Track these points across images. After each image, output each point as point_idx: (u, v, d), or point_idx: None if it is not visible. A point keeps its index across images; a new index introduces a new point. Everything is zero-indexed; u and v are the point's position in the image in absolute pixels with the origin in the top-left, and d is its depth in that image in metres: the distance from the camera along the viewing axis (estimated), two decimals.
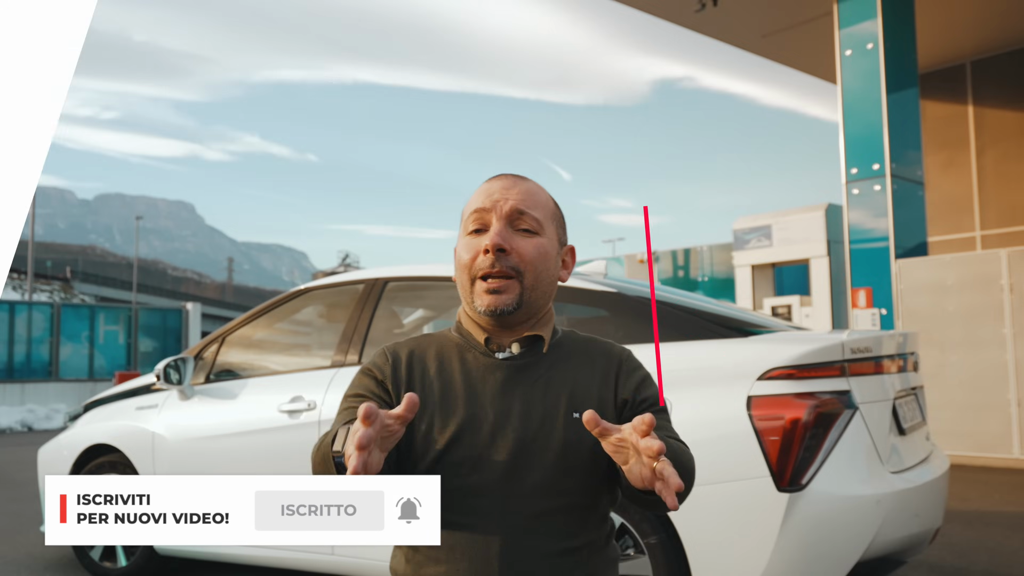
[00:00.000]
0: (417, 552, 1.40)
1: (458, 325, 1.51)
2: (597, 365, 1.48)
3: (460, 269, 1.44)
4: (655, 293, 3.45)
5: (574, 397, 1.42)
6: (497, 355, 1.44)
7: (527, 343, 1.45)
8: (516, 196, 1.43)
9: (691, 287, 15.40)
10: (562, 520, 1.37)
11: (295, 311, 4.35)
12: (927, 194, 9.95)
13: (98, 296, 62.40)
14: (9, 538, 5.35)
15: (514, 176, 1.48)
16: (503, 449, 1.37)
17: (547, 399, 1.41)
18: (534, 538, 1.36)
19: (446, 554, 1.36)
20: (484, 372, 1.43)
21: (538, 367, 1.44)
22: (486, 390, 1.41)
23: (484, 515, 1.36)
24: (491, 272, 1.38)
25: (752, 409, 2.76)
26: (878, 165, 9.17)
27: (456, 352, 1.47)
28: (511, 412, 1.39)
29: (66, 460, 4.53)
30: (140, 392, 4.42)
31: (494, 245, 1.38)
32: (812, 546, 2.68)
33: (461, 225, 1.49)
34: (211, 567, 4.50)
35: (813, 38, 11.08)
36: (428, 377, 1.44)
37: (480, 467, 1.36)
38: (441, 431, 1.38)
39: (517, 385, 1.42)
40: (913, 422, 3.25)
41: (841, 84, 9.65)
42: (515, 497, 1.36)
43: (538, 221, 1.43)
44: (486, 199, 1.43)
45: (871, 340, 3.01)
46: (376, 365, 1.48)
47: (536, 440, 1.38)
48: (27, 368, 16.75)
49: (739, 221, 12.43)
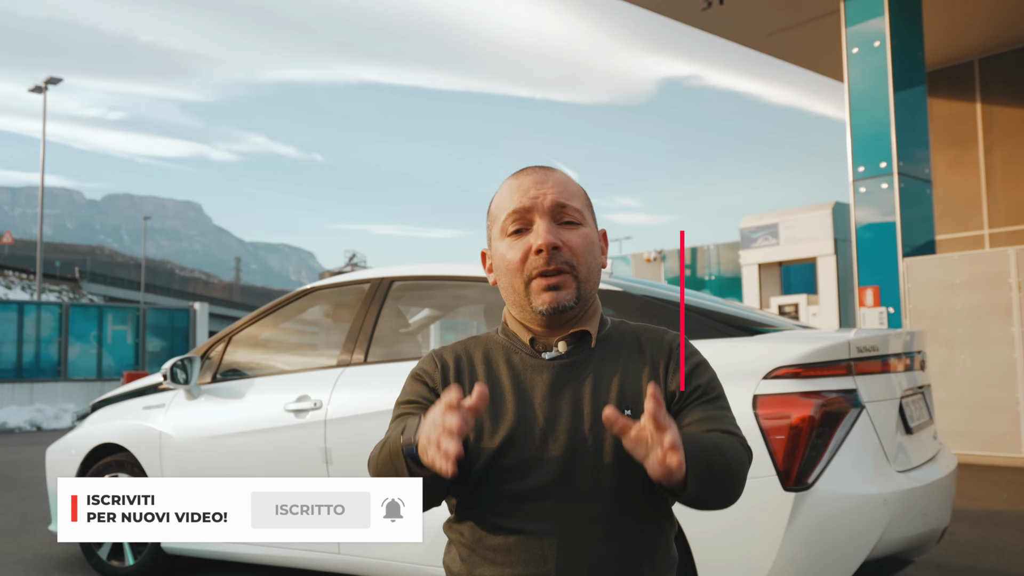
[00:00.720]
0: (473, 552, 1.38)
1: (504, 327, 1.48)
2: (647, 355, 1.43)
3: (509, 272, 1.39)
4: (663, 291, 3.44)
5: (624, 393, 1.38)
6: (544, 355, 1.41)
7: (573, 340, 1.41)
8: (553, 190, 1.40)
9: (698, 286, 15.38)
10: (619, 522, 1.34)
11: (301, 310, 4.36)
12: (935, 192, 9.91)
13: (107, 296, 62.63)
14: (17, 537, 5.38)
15: (542, 168, 1.45)
16: (555, 452, 1.34)
17: (597, 397, 1.37)
18: (591, 541, 1.33)
19: (503, 556, 1.34)
20: (531, 373, 1.40)
21: (586, 364, 1.40)
22: (535, 392, 1.38)
23: (540, 519, 1.33)
24: (547, 270, 1.36)
25: (758, 408, 2.75)
26: (885, 163, 9.14)
27: (503, 354, 1.44)
28: (561, 414, 1.36)
29: (74, 459, 4.54)
30: (147, 392, 4.43)
31: (548, 244, 1.35)
32: (818, 545, 2.67)
33: (492, 227, 1.45)
34: (217, 566, 4.51)
35: (820, 36, 11.05)
36: (476, 380, 1.42)
37: (533, 471, 1.34)
38: (491, 436, 1.36)
39: (565, 385, 1.38)
40: (920, 421, 3.24)
41: (848, 82, 9.62)
42: (570, 500, 1.33)
43: (579, 211, 1.41)
44: (523, 197, 1.39)
45: (877, 339, 3.00)
46: (426, 371, 1.46)
47: (588, 441, 1.34)
48: (36, 368, 16.81)
49: (746, 220, 12.41)
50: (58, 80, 28.77)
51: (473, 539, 1.38)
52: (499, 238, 1.42)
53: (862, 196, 9.32)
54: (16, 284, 56.12)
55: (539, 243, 1.36)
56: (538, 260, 1.36)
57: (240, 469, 3.87)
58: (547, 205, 1.39)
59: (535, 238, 1.37)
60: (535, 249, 1.36)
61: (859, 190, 9.34)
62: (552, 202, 1.39)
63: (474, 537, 1.38)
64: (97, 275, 78.90)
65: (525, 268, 1.38)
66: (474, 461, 1.36)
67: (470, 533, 1.39)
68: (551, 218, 1.39)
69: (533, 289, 1.37)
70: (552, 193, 1.39)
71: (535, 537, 1.33)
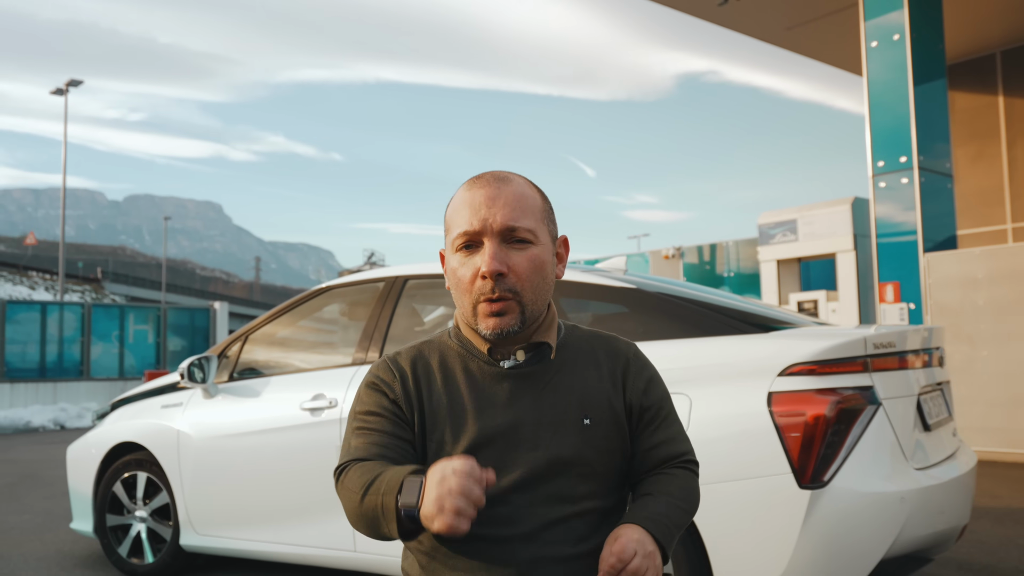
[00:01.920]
0: (433, 559, 1.40)
1: (456, 331, 1.49)
2: (604, 366, 1.47)
3: (458, 289, 1.41)
4: (678, 288, 3.43)
5: (584, 402, 1.42)
6: (503, 364, 1.42)
7: (532, 349, 1.43)
8: (503, 209, 1.37)
9: (717, 283, 15.30)
10: (579, 525, 1.38)
11: (316, 309, 4.38)
12: (956, 186, 9.79)
13: (128, 296, 63.23)
14: (41, 535, 5.44)
15: (496, 179, 1.41)
16: (517, 460, 1.37)
17: (557, 407, 1.41)
18: (552, 544, 1.36)
19: (464, 562, 1.36)
20: (491, 382, 1.41)
21: (545, 373, 1.43)
22: (495, 401, 1.40)
23: (502, 524, 1.36)
24: (492, 296, 1.36)
25: (773, 405, 2.73)
26: (905, 158, 9.05)
27: (459, 361, 1.45)
28: (522, 423, 1.39)
29: (94, 458, 4.59)
30: (165, 390, 4.47)
31: (492, 271, 1.34)
32: (834, 543, 2.65)
33: (447, 234, 1.45)
34: (234, 563, 4.54)
35: (838, 30, 10.95)
36: (436, 390, 1.43)
37: (496, 479, 1.35)
38: (453, 446, 1.38)
39: (525, 394, 1.41)
40: (939, 418, 3.20)
41: (867, 76, 9.53)
42: (532, 505, 1.37)
43: (531, 231, 1.38)
44: (473, 218, 1.37)
45: (894, 335, 2.97)
46: (383, 380, 1.45)
47: (550, 448, 1.38)
48: (59, 367, 17.00)
49: (764, 216, 12.33)
50: (79, 82, 29.06)
51: (432, 546, 1.40)
52: (451, 249, 1.42)
53: (882, 191, 9.23)
54: (40, 285, 56.78)
55: (484, 269, 1.35)
56: (484, 286, 1.37)
57: (257, 468, 3.89)
58: (496, 228, 1.36)
59: (482, 263, 1.36)
60: (481, 274, 1.36)
61: (879, 185, 9.25)
62: (502, 225, 1.36)
63: (433, 544, 1.39)
64: (119, 275, 79.68)
65: (473, 290, 1.38)
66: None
67: (429, 540, 1.40)
68: (500, 239, 1.37)
69: (479, 312, 1.38)
70: (502, 213, 1.37)
71: (496, 542, 1.36)
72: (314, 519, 3.69)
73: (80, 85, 29.12)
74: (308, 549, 3.76)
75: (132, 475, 4.41)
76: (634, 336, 3.16)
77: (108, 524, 4.47)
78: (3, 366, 15.97)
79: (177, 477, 4.18)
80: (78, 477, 4.70)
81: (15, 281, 56.24)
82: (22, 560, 4.75)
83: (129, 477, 4.42)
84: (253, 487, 3.93)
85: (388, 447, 1.38)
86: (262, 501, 3.90)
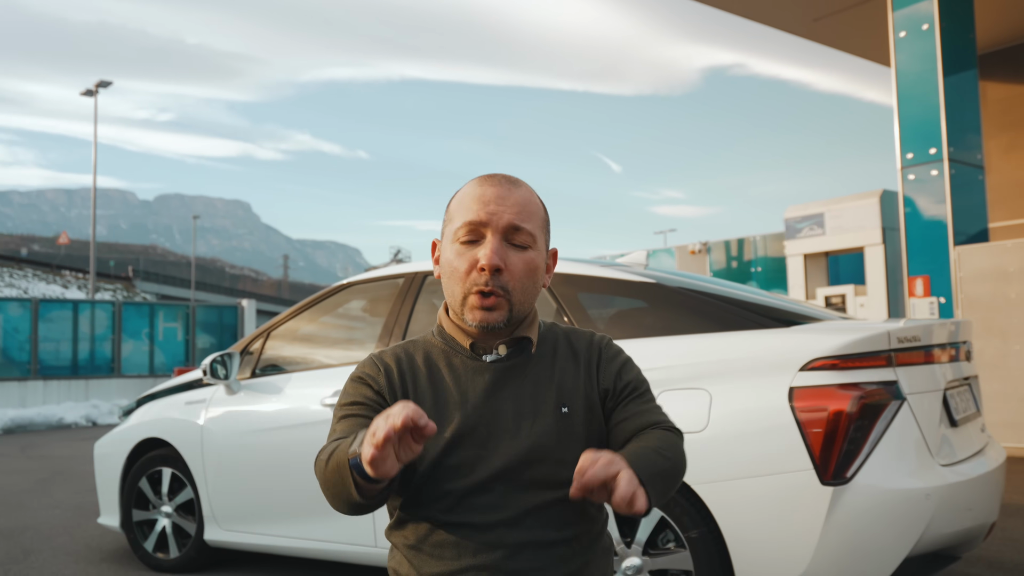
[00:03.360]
0: (419, 552, 1.43)
1: (440, 330, 1.53)
2: (580, 357, 1.52)
3: (452, 278, 1.44)
4: (699, 283, 3.39)
5: (562, 392, 1.47)
6: (484, 358, 1.47)
7: (513, 344, 1.48)
8: (512, 209, 1.42)
9: (744, 278, 15.18)
10: (560, 511, 1.42)
11: (337, 306, 4.39)
12: (988, 178, 9.62)
13: (159, 294, 64.07)
14: (69, 530, 5.52)
15: (508, 181, 1.47)
16: (499, 449, 1.41)
17: (536, 396, 1.46)
18: (535, 531, 1.40)
19: (451, 551, 1.40)
20: (473, 375, 1.46)
21: (525, 366, 1.48)
22: (477, 393, 1.44)
23: (484, 512, 1.40)
24: (484, 290, 1.40)
25: (794, 401, 2.69)
26: (935, 149, 8.90)
27: (443, 357, 1.49)
28: (503, 413, 1.43)
29: (120, 454, 4.64)
30: (189, 387, 4.51)
31: (491, 265, 1.39)
32: (857, 541, 2.61)
33: (447, 224, 1.49)
34: (258, 559, 4.57)
35: (866, 20, 10.79)
36: (420, 384, 1.47)
37: (477, 468, 1.40)
38: (436, 438, 1.41)
39: (505, 385, 1.46)
40: (966, 413, 3.14)
41: (895, 67, 9.38)
42: (514, 493, 1.41)
43: (532, 235, 1.44)
44: (481, 210, 1.42)
45: (919, 329, 2.91)
46: (368, 375, 1.49)
47: (530, 437, 1.42)
48: (91, 365, 17.23)
49: (790, 210, 12.19)
50: (108, 83, 29.44)
51: (417, 539, 1.43)
52: (451, 241, 1.46)
53: (911, 183, 9.08)
54: (73, 283, 57.70)
55: (483, 262, 1.39)
56: (480, 277, 1.41)
57: (278, 464, 3.92)
58: (502, 224, 1.42)
59: (482, 256, 1.40)
60: (479, 267, 1.40)
61: (908, 177, 9.11)
62: (507, 222, 1.42)
63: (419, 537, 1.43)
64: (150, 274, 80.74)
65: (467, 281, 1.42)
66: (419, 462, 1.41)
67: (414, 533, 1.44)
68: (502, 237, 1.42)
69: (469, 303, 1.42)
70: (510, 212, 1.42)
71: (481, 529, 1.39)
72: (334, 515, 3.70)
73: (110, 86, 29.50)
74: (329, 544, 3.77)
75: (157, 471, 4.45)
76: (654, 331, 3.13)
77: (134, 519, 4.52)
78: (36, 364, 16.23)
79: (200, 473, 4.21)
80: (105, 473, 4.76)
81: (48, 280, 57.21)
82: (51, 554, 4.82)
83: (154, 473, 4.46)
84: (275, 483, 3.95)
85: None
86: (283, 497, 3.92)
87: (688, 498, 2.83)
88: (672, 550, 2.90)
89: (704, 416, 2.81)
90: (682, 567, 2.86)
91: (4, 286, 51.49)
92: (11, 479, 8.00)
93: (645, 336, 3.14)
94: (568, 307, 3.36)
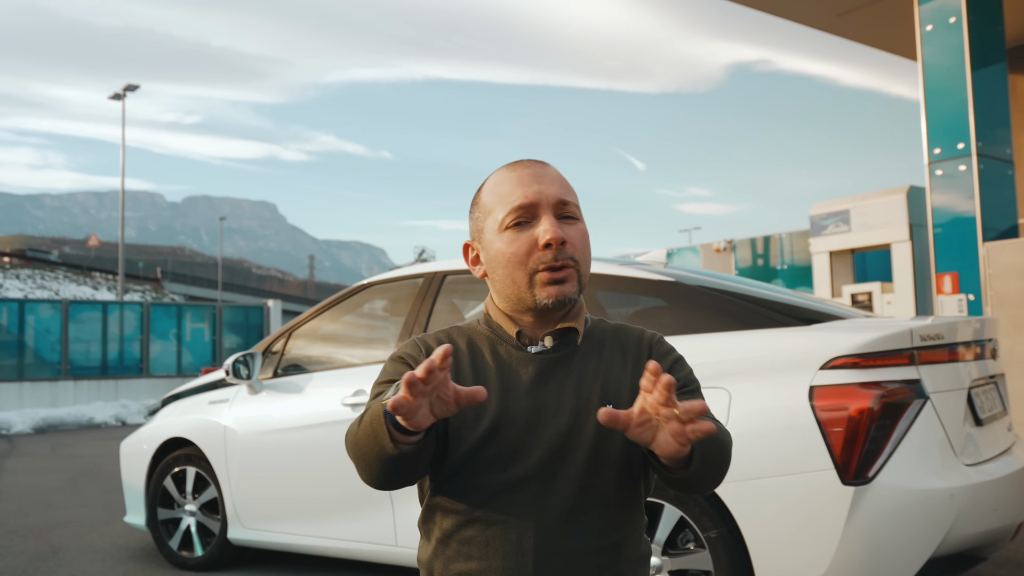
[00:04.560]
0: (448, 546, 1.38)
1: (487, 318, 1.48)
2: (629, 353, 1.46)
3: (510, 265, 1.38)
4: (719, 282, 3.37)
5: (607, 389, 1.40)
6: (530, 348, 1.42)
7: (559, 335, 1.43)
8: (554, 185, 1.40)
9: (769, 276, 15.06)
10: (597, 516, 1.35)
11: (358, 306, 4.41)
12: (1018, 173, 9.46)
13: (187, 295, 64.78)
14: (97, 528, 5.59)
15: (537, 161, 1.45)
16: (537, 444, 1.35)
17: (580, 392, 1.39)
18: (569, 535, 1.33)
19: (479, 549, 1.34)
20: (517, 365, 1.40)
21: (571, 359, 1.41)
22: (520, 384, 1.39)
23: (518, 511, 1.33)
24: (554, 264, 1.36)
25: (814, 399, 2.67)
26: (963, 144, 8.76)
27: (487, 345, 1.44)
28: (545, 406, 1.37)
29: (145, 454, 4.69)
30: (213, 387, 4.55)
31: (557, 238, 1.36)
32: (879, 541, 2.58)
33: (484, 218, 1.43)
34: (281, 557, 4.61)
35: (892, 14, 10.65)
36: (462, 369, 1.41)
37: (514, 463, 1.34)
38: (475, 425, 1.35)
39: (550, 378, 1.39)
40: (992, 412, 3.09)
41: (922, 61, 9.26)
42: (550, 493, 1.34)
43: (577, 207, 1.43)
44: (527, 191, 1.39)
45: (943, 327, 2.87)
46: (409, 355, 1.43)
47: (570, 435, 1.36)
48: (120, 365, 17.45)
49: (815, 206, 12.07)
50: (136, 87, 29.78)
51: (447, 532, 1.38)
52: (496, 231, 1.41)
53: (939, 179, 8.96)
54: (103, 285, 58.50)
55: (548, 237, 1.36)
56: (545, 255, 1.36)
57: (300, 463, 3.94)
58: (552, 200, 1.39)
59: (543, 233, 1.37)
60: (543, 244, 1.36)
61: (935, 173, 8.99)
62: (556, 197, 1.39)
63: (449, 530, 1.38)
64: (178, 275, 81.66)
65: (530, 262, 1.37)
66: (455, 447, 1.36)
67: (443, 526, 1.38)
68: (553, 212, 1.39)
69: (538, 282, 1.37)
70: (554, 188, 1.40)
71: (513, 529, 1.33)
72: (356, 514, 3.73)
73: (137, 89, 29.85)
74: (351, 543, 3.79)
75: (182, 470, 4.50)
76: (673, 330, 3.11)
77: (159, 518, 4.57)
78: (67, 364, 16.47)
79: (224, 472, 4.25)
80: (131, 472, 4.81)
81: (79, 282, 58.04)
82: (79, 552, 4.89)
83: (179, 472, 4.51)
84: (296, 482, 3.98)
85: None
86: (305, 496, 3.95)
87: (708, 498, 2.81)
88: (692, 550, 2.88)
89: (724, 415, 2.78)
90: (702, 567, 2.84)
91: (36, 288, 52.33)
92: (41, 478, 8.13)
93: (664, 335, 3.12)
94: (587, 306, 3.35)
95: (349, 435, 1.32)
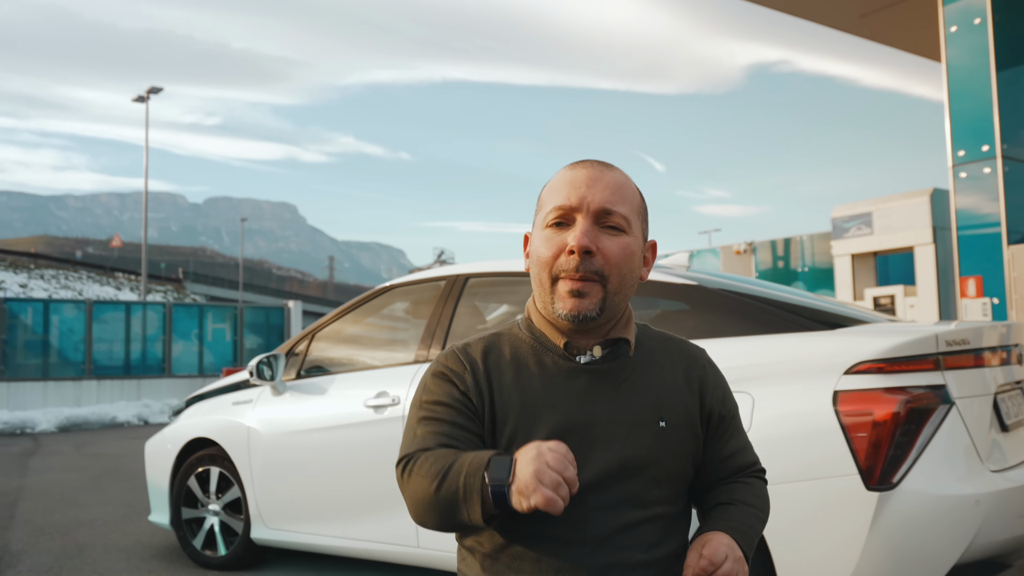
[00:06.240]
0: (496, 561, 1.34)
1: (528, 323, 1.42)
2: (679, 368, 1.44)
3: (539, 265, 1.35)
4: (741, 285, 3.36)
5: (661, 405, 1.37)
6: (579, 359, 1.36)
7: (609, 345, 1.37)
8: (603, 192, 1.33)
9: (790, 278, 14.97)
10: (649, 530, 1.34)
11: (380, 308, 4.43)
12: None
13: (208, 296, 65.23)
14: (121, 527, 5.65)
15: (600, 164, 1.38)
16: (590, 460, 1.31)
17: (633, 407, 1.35)
18: (621, 550, 1.32)
19: (531, 564, 1.31)
20: (566, 378, 1.35)
21: (622, 372, 1.38)
22: (570, 397, 1.34)
23: (571, 527, 1.30)
24: (575, 275, 1.30)
25: (839, 405, 2.65)
26: (987, 146, 8.69)
27: (532, 355, 1.38)
28: (597, 421, 1.34)
29: (170, 453, 4.74)
30: (236, 388, 4.59)
31: (581, 247, 1.29)
32: (903, 548, 2.56)
33: (538, 212, 1.40)
34: (304, 557, 4.64)
35: (915, 15, 10.57)
36: (507, 383, 1.36)
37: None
38: (525, 441, 1.29)
39: (601, 391, 1.35)
40: (1018, 418, 3.06)
41: (946, 62, 9.18)
42: (603, 509, 1.32)
43: (626, 219, 1.34)
44: (572, 193, 1.33)
45: (969, 332, 2.85)
46: (453, 371, 1.38)
47: (624, 451, 1.33)
48: (143, 365, 17.62)
49: (837, 209, 11.99)
50: (159, 89, 30.05)
51: (495, 547, 1.34)
52: (540, 227, 1.37)
53: (963, 181, 8.88)
54: (125, 285, 59.04)
55: (572, 244, 1.30)
56: (569, 261, 1.31)
57: (323, 464, 3.97)
58: (593, 207, 1.32)
59: (571, 237, 1.31)
60: (568, 249, 1.31)
61: (959, 175, 8.91)
62: (599, 205, 1.32)
63: (497, 545, 1.34)
64: (199, 275, 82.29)
65: (554, 266, 1.33)
66: None
67: (491, 541, 1.35)
68: (594, 220, 1.33)
69: (558, 290, 1.33)
70: (602, 196, 1.33)
71: (565, 545, 1.31)
72: (378, 515, 3.75)
73: (160, 92, 30.12)
74: (372, 544, 3.81)
75: (205, 470, 4.54)
76: (695, 334, 3.11)
77: (183, 517, 4.61)
78: (91, 364, 16.65)
79: (247, 472, 4.29)
80: (155, 472, 4.86)
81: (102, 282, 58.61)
82: (103, 550, 4.95)
83: (203, 472, 4.55)
84: (319, 483, 4.00)
85: (457, 438, 1.32)
86: (327, 497, 3.98)
87: None
88: None
89: (746, 420, 2.78)
90: None
91: (60, 288, 52.91)
92: (66, 476, 8.22)
93: (687, 338, 3.12)
94: None
95: (416, 479, 1.28)
